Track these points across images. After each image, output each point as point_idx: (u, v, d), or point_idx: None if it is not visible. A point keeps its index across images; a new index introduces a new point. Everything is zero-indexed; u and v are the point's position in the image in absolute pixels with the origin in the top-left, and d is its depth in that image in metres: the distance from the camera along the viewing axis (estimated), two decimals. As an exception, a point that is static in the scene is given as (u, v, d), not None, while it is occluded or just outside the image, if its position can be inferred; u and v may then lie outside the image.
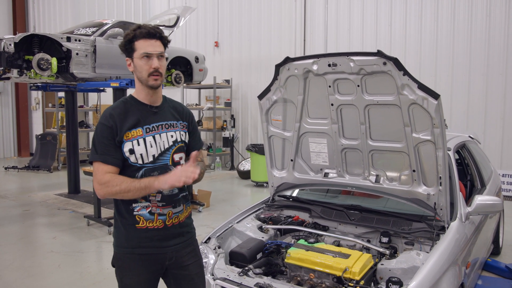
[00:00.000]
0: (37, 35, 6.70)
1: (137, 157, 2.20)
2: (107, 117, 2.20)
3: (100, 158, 2.16)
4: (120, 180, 2.13)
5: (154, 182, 2.12)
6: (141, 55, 2.18)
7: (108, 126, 2.17)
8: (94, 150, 2.19)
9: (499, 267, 4.65)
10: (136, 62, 2.21)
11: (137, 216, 2.23)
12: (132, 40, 2.19)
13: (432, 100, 2.95)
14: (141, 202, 2.22)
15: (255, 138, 12.12)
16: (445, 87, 9.11)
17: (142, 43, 2.18)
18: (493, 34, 8.62)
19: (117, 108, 2.25)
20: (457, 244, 3.09)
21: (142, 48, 2.18)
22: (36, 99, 15.78)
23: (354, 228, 3.52)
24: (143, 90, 2.27)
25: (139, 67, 2.21)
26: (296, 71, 3.37)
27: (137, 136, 2.20)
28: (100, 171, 2.15)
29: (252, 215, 3.86)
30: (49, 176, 11.51)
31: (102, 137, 2.18)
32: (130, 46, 2.21)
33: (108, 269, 4.92)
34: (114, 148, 2.17)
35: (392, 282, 2.64)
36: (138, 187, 2.11)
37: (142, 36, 2.18)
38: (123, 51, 2.26)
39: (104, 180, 2.13)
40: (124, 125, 2.19)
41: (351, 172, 3.69)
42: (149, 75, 2.20)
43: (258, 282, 2.79)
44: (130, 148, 2.19)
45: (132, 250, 2.25)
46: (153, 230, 2.25)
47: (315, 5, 10.83)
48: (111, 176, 2.14)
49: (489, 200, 3.49)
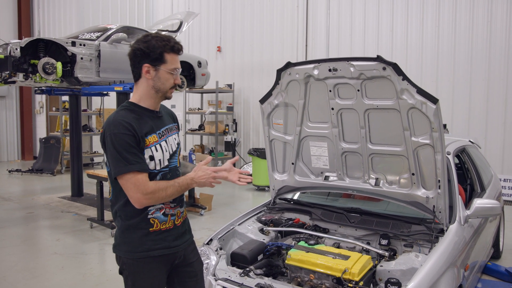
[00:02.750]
0: (43, 39, 6.80)
1: (156, 162, 2.22)
2: (125, 126, 2.14)
3: (137, 167, 2.12)
4: (164, 185, 2.16)
5: (192, 183, 2.23)
6: (171, 69, 2.23)
7: (131, 135, 2.14)
8: (123, 161, 2.11)
9: (499, 270, 4.69)
10: (162, 74, 2.22)
11: (152, 219, 2.25)
12: (164, 51, 2.20)
13: (431, 105, 3.00)
14: (155, 205, 2.24)
15: (257, 143, 12.18)
16: (447, 92, 9.16)
17: (172, 57, 2.23)
18: (494, 40, 8.67)
19: (128, 116, 2.20)
20: (456, 246, 3.13)
21: (173, 62, 2.23)
22: (40, 103, 15.89)
23: (354, 230, 3.56)
24: (153, 98, 2.28)
25: (163, 79, 2.23)
26: (297, 75, 3.43)
27: (153, 142, 2.23)
28: (141, 181, 2.12)
29: (254, 218, 3.91)
30: (53, 179, 11.59)
31: (129, 146, 2.12)
32: (160, 57, 2.20)
33: (111, 271, 4.98)
34: (142, 155, 2.17)
35: (390, 283, 2.68)
36: (180, 190, 2.20)
37: (175, 51, 2.24)
38: (145, 58, 2.21)
39: (151, 189, 2.13)
40: (142, 132, 2.19)
41: (351, 176, 3.74)
42: (170, 88, 2.28)
43: (259, 282, 2.84)
44: (150, 155, 2.20)
45: (147, 253, 2.24)
46: (166, 231, 2.29)
47: (317, 10, 10.91)
48: (154, 184, 2.15)
49: (488, 204, 3.53)
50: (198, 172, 2.25)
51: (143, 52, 2.20)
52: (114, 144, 2.12)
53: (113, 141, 2.12)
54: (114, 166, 2.13)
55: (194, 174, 2.25)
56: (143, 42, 2.22)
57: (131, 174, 2.11)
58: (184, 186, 2.22)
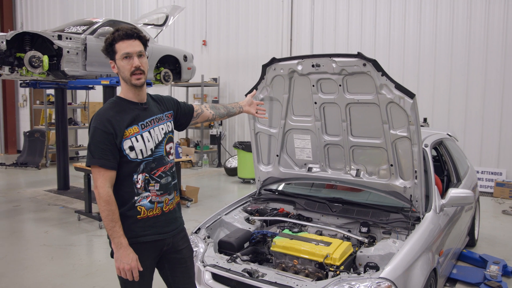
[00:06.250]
0: (29, 33, 6.81)
1: (137, 152, 2.33)
2: (104, 122, 2.27)
3: (98, 162, 2.25)
4: (113, 209, 2.25)
5: (116, 247, 2.27)
6: (121, 56, 2.32)
7: (106, 132, 2.26)
8: (91, 154, 2.27)
9: (473, 257, 4.92)
10: (118, 63, 2.34)
11: (139, 207, 2.36)
12: (112, 43, 2.32)
13: (408, 99, 3.16)
14: (142, 193, 2.37)
15: (242, 136, 12.31)
16: (428, 86, 9.40)
17: (121, 44, 2.31)
18: (473, 36, 8.92)
19: (111, 110, 2.33)
20: (431, 233, 3.32)
21: (122, 49, 2.31)
22: (24, 96, 15.76)
23: (336, 219, 3.74)
24: (130, 90, 2.39)
25: (121, 68, 2.34)
26: (281, 71, 3.57)
27: (134, 134, 2.33)
28: (101, 177, 2.25)
29: (240, 208, 4.06)
30: (38, 173, 11.56)
31: (98, 142, 2.26)
32: (111, 49, 2.33)
33: (100, 261, 5.09)
34: (111, 152, 2.28)
35: (369, 266, 2.87)
36: (109, 228, 2.26)
37: (120, 38, 2.31)
38: (106, 55, 2.38)
39: (106, 198, 2.24)
40: (121, 125, 2.30)
41: (333, 167, 3.91)
42: (131, 74, 2.33)
43: (246, 268, 2.98)
44: (130, 146, 2.31)
45: (136, 239, 2.36)
46: (153, 218, 2.41)
47: (302, 5, 11.05)
48: (108, 197, 2.25)
49: (461, 193, 3.72)
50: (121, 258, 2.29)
51: (104, 52, 2.39)
52: (90, 136, 2.30)
53: (91, 133, 2.30)
54: (86, 156, 2.33)
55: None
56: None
57: (95, 168, 2.27)
58: (113, 235, 2.26)
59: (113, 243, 2.27)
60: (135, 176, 2.34)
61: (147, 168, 2.37)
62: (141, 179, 2.35)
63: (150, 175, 2.38)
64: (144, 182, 2.36)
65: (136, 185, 2.34)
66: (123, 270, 2.27)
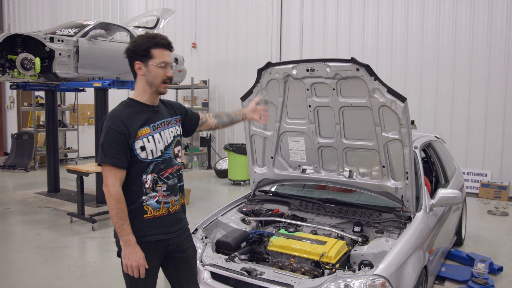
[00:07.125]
0: (20, 35, 6.81)
1: (147, 152, 2.41)
2: (118, 123, 2.35)
3: (110, 161, 2.32)
4: (123, 207, 2.32)
5: (124, 245, 2.34)
6: (159, 63, 2.40)
7: (119, 132, 2.34)
8: (103, 153, 2.34)
9: (461, 256, 5.06)
10: (152, 68, 2.41)
11: (146, 206, 2.44)
12: (150, 47, 2.39)
13: (400, 103, 3.28)
14: (150, 193, 2.44)
15: (231, 138, 12.38)
16: (415, 89, 9.57)
17: (161, 52, 2.40)
18: (459, 40, 9.12)
19: (124, 111, 2.41)
20: (422, 232, 3.44)
21: (160, 57, 2.40)
22: (11, 98, 15.60)
23: (330, 219, 3.84)
24: (148, 93, 2.48)
25: (154, 74, 2.42)
26: (277, 75, 3.67)
27: (146, 134, 2.42)
28: (112, 176, 2.33)
29: (235, 209, 4.15)
30: (26, 176, 11.48)
31: (112, 141, 2.33)
32: (147, 53, 2.39)
33: (95, 263, 5.12)
34: (123, 152, 2.35)
35: (364, 264, 2.99)
36: (118, 226, 2.33)
37: (162, 46, 2.41)
38: (134, 55, 2.41)
39: (117, 196, 2.31)
40: (135, 126, 2.38)
41: (327, 168, 4.02)
42: (162, 82, 2.44)
43: (244, 266, 3.07)
44: (141, 146, 2.39)
45: (142, 239, 2.42)
46: (160, 218, 2.48)
47: (291, 9, 11.17)
48: (119, 195, 2.31)
49: (450, 193, 3.87)
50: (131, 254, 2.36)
51: (132, 52, 2.43)
52: (103, 135, 2.37)
53: (104, 133, 2.37)
54: (99, 155, 2.39)
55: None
56: (132, 42, 2.45)
57: (106, 166, 2.34)
58: (121, 232, 2.33)
59: (122, 240, 2.34)
60: (144, 176, 2.41)
61: (156, 168, 2.44)
62: (150, 179, 2.42)
63: (158, 175, 2.45)
64: (153, 183, 2.43)
65: (144, 185, 2.42)
66: (131, 267, 2.34)
